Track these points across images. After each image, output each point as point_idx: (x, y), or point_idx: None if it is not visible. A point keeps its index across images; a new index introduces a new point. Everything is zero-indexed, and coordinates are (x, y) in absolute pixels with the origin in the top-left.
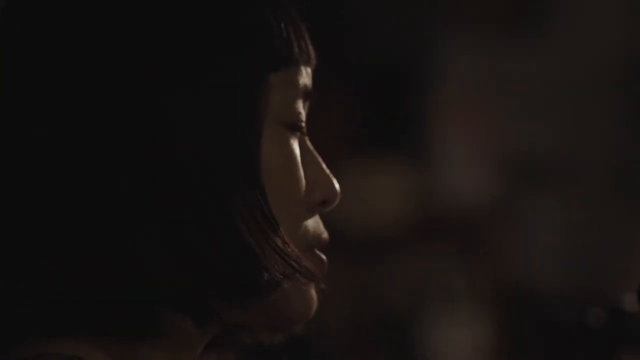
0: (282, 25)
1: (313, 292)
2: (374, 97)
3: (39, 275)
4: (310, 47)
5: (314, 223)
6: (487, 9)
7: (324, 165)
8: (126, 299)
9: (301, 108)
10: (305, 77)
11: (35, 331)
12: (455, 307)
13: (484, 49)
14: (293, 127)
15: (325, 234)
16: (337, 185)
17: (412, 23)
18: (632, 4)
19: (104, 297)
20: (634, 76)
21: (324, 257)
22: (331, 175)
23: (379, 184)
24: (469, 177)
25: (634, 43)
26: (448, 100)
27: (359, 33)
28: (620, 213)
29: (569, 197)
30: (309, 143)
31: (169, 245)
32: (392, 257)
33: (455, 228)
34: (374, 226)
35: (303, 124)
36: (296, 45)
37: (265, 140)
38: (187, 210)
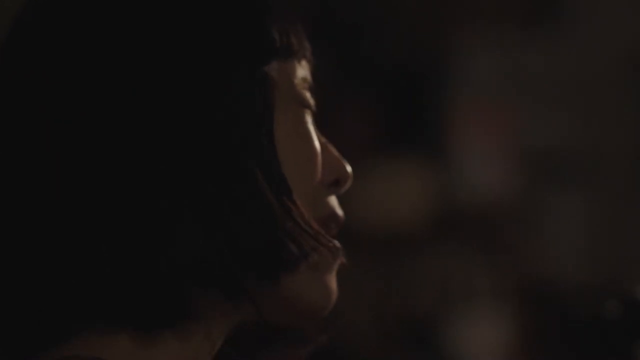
0: (280, 19)
1: (334, 282)
2: (392, 97)
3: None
4: (307, 43)
5: (330, 200)
6: (504, 6)
7: (333, 148)
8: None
9: (308, 94)
10: (306, 71)
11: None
12: (477, 304)
13: (502, 47)
14: (305, 105)
15: (340, 212)
16: (348, 167)
17: (430, 23)
18: None
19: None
20: None
21: (338, 244)
22: (342, 158)
23: (400, 183)
24: (490, 174)
25: None
26: (467, 98)
27: (377, 34)
28: None
29: (590, 193)
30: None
31: (199, 222)
32: (414, 256)
33: (477, 226)
34: (395, 226)
35: (313, 107)
36: (294, 39)
37: (279, 112)
38: (213, 185)
